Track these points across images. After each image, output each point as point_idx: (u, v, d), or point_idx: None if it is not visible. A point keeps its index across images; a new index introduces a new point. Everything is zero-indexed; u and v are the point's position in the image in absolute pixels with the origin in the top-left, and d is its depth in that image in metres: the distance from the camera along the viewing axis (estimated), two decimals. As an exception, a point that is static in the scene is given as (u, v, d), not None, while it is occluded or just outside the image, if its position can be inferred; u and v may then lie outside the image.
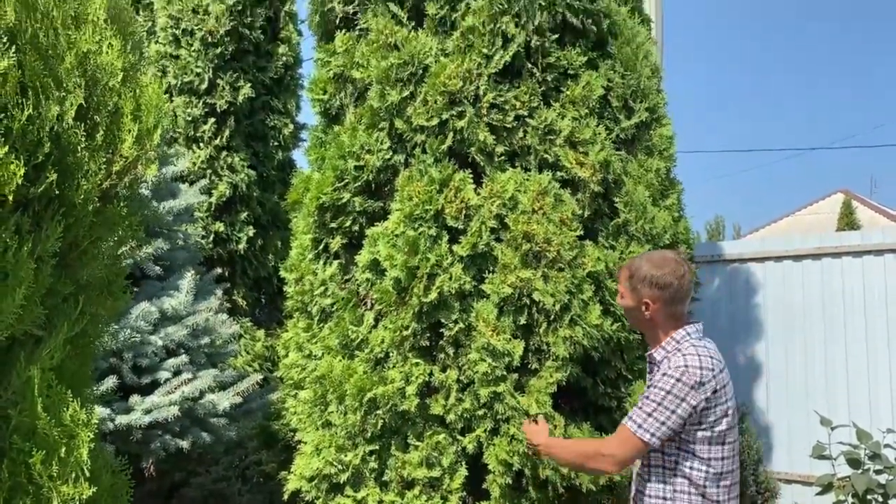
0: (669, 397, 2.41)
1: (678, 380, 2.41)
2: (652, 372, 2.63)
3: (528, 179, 3.75)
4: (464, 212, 3.70)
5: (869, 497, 5.17)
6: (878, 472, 5.19)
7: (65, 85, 1.67)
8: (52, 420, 1.59)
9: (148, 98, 1.83)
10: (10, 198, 1.55)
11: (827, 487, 5.41)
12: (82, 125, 1.70)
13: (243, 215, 7.14)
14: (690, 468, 2.46)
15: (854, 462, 5.27)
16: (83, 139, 1.70)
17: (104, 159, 1.75)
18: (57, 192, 1.65)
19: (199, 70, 6.95)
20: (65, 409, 1.63)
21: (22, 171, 1.52)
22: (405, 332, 3.58)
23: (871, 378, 5.71)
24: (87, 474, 1.60)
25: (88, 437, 1.61)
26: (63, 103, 1.66)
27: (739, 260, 6.54)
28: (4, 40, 1.55)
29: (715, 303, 6.57)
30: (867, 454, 5.26)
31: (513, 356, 3.49)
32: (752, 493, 5.69)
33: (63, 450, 1.57)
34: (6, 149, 1.50)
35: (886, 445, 4.92)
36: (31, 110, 1.58)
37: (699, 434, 2.44)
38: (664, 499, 2.51)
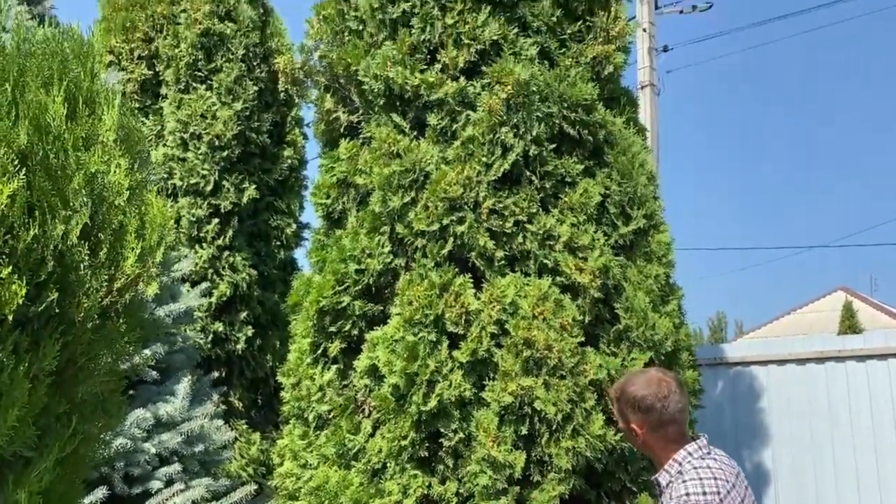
0: None
1: None
2: (661, 495, 2.53)
3: (528, 284, 3.76)
4: (464, 317, 3.69)
5: None
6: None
7: (71, 204, 1.70)
8: (36, 548, 1.53)
9: (153, 216, 1.86)
10: (10, 317, 1.55)
11: None
12: (86, 243, 1.72)
13: (243, 315, 7.12)
14: None
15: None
16: (86, 257, 1.71)
17: (106, 276, 1.76)
18: (57, 309, 1.66)
19: (205, 172, 7.09)
20: (49, 534, 1.57)
21: (24, 291, 1.53)
22: (403, 442, 3.51)
23: (882, 485, 5.55)
24: None
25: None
26: (69, 222, 1.69)
27: (742, 363, 6.47)
28: (16, 162, 1.59)
29: (719, 407, 6.46)
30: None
31: (514, 468, 3.40)
32: None
33: (45, 579, 1.51)
34: (9, 269, 1.52)
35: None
36: (36, 230, 1.60)
37: None
38: None
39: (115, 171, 1.80)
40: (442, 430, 3.52)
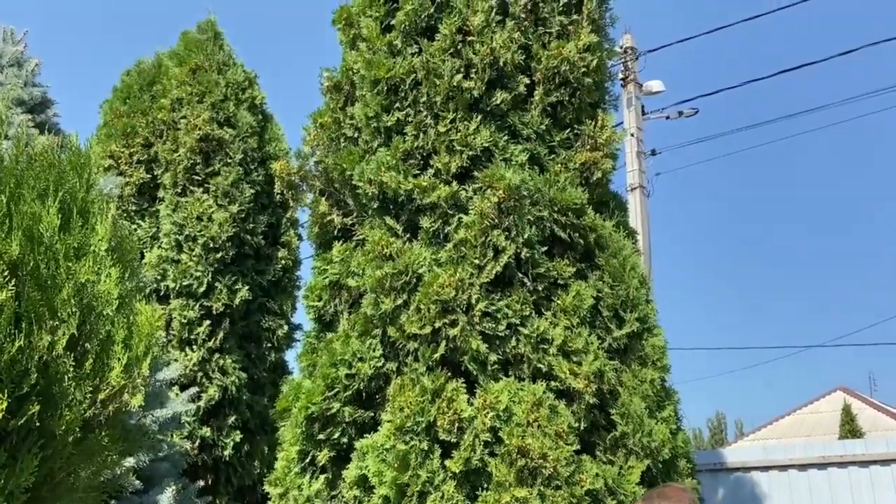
0: None
1: None
2: None
3: (522, 389, 3.70)
4: (457, 424, 3.61)
5: None
6: None
7: (59, 314, 1.69)
8: None
9: (141, 325, 1.84)
10: (-12, 431, 1.51)
11: None
12: (72, 354, 1.70)
13: (231, 419, 6.97)
14: None
15: None
16: (71, 368, 1.69)
17: (91, 388, 1.73)
18: (38, 423, 1.61)
19: (198, 274, 7.10)
20: None
21: (4, 405, 1.49)
22: (394, 560, 3.36)
23: None
24: None
25: None
26: (55, 332, 1.67)
27: (743, 468, 6.31)
28: (6, 273, 1.59)
29: (721, 515, 6.26)
30: None
31: None
32: None
33: None
34: (-9, 382, 1.49)
35: None
36: (22, 341, 1.58)
37: None
38: None
39: (105, 281, 1.79)
40: (435, 545, 3.39)
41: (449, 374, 3.80)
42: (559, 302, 4.01)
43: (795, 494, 5.96)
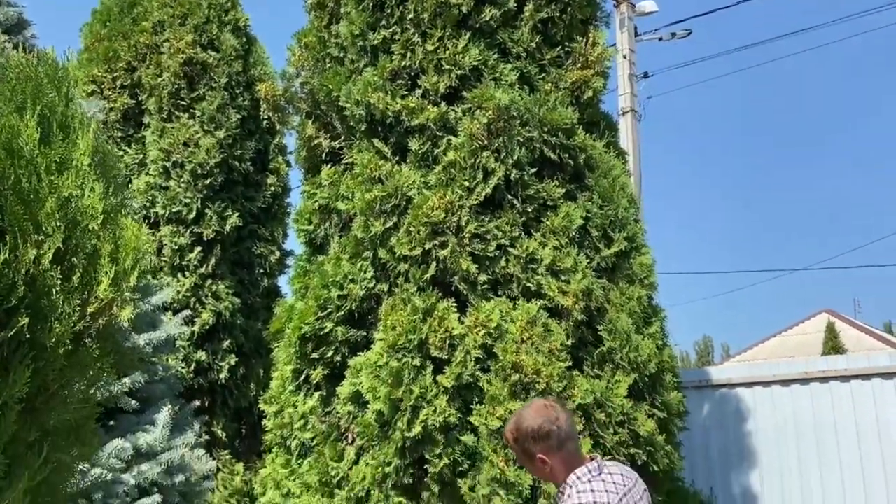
0: None
1: None
2: None
3: (514, 308, 3.75)
4: (448, 341, 3.67)
5: None
6: None
7: (44, 228, 1.68)
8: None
9: (127, 239, 1.84)
10: (-21, 343, 1.52)
11: None
12: (59, 268, 1.70)
13: (226, 343, 7.05)
14: None
15: None
16: (59, 282, 1.69)
17: (79, 301, 1.73)
18: (28, 335, 1.63)
19: (187, 200, 7.06)
20: (18, 567, 1.53)
21: (-8, 317, 1.50)
22: (387, 469, 3.46)
23: (869, 501, 5.53)
24: None
25: None
26: (41, 246, 1.66)
27: (728, 385, 6.46)
28: (-14, 187, 1.58)
29: (706, 430, 6.44)
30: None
31: (523, 486, 3.36)
32: None
33: None
34: (-22, 294, 1.49)
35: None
36: (7, 254, 1.58)
37: None
38: None
39: (89, 196, 1.78)
40: (427, 456, 3.48)
41: (440, 294, 3.84)
42: (548, 223, 4.02)
43: (778, 409, 6.12)
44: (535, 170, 4.04)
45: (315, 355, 4.06)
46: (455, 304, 3.81)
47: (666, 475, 3.87)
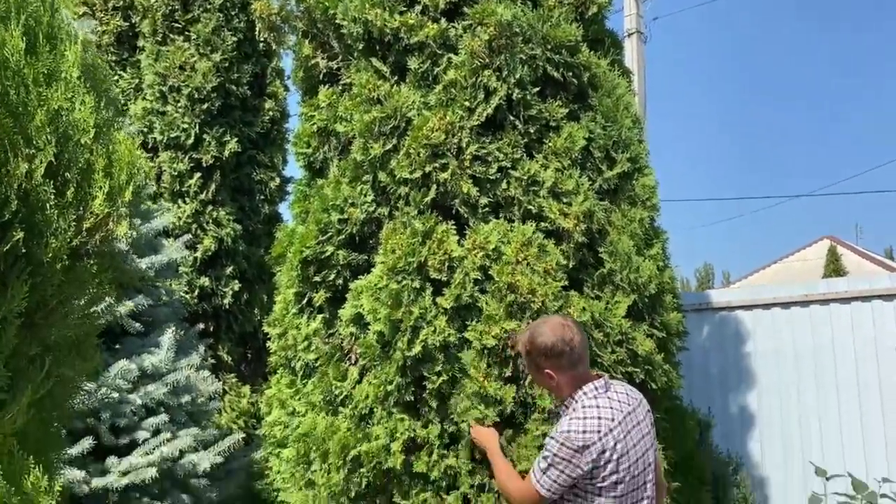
0: (557, 459, 2.66)
1: (562, 444, 2.65)
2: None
3: (511, 230, 3.73)
4: (447, 264, 3.67)
5: (867, 549, 5.06)
6: (875, 523, 5.09)
7: (35, 142, 1.65)
8: (12, 488, 1.52)
9: (120, 154, 1.81)
10: (-26, 257, 1.51)
11: (824, 540, 5.29)
12: (52, 182, 1.67)
13: (229, 270, 7.09)
14: None
15: (851, 513, 5.18)
16: (52, 196, 1.67)
17: (74, 217, 1.72)
18: (24, 250, 1.62)
19: (185, 125, 6.98)
20: (26, 476, 1.56)
21: (-14, 231, 1.49)
22: (389, 387, 3.52)
23: (865, 425, 5.65)
24: (48, 544, 1.52)
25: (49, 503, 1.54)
26: (32, 160, 1.64)
27: (728, 308, 6.52)
28: (-27, 99, 1.54)
29: (705, 352, 6.53)
30: (864, 505, 5.16)
31: (504, 403, 3.42)
32: (749, 548, 5.57)
33: (23, 519, 1.50)
34: (-29, 208, 1.47)
35: (882, 495, 4.83)
36: (-2, 168, 1.55)
37: (588, 485, 2.68)
38: None
39: (79, 109, 1.74)
40: (426, 374, 3.53)
41: (439, 217, 3.81)
42: (551, 144, 3.96)
43: (778, 331, 6.18)
44: (537, 89, 3.96)
45: (317, 279, 4.07)
46: (455, 227, 3.79)
47: (664, 393, 3.93)
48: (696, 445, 4.52)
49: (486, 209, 3.84)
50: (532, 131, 3.96)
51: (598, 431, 2.66)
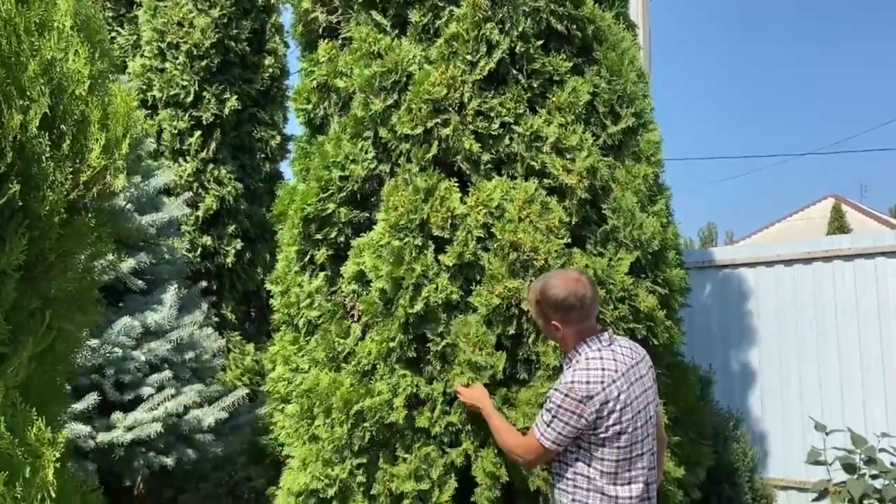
0: (561, 410, 2.67)
1: (566, 395, 2.66)
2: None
3: (514, 188, 3.70)
4: (449, 221, 3.65)
5: (865, 502, 5.12)
6: (873, 476, 5.15)
7: (28, 93, 1.62)
8: (16, 440, 1.53)
9: (116, 107, 1.78)
10: (-29, 210, 1.50)
11: (823, 493, 5.36)
12: (47, 134, 1.65)
13: (231, 228, 7.08)
14: (586, 465, 2.72)
15: (849, 467, 5.23)
16: (48, 149, 1.65)
17: (71, 169, 1.69)
18: (21, 203, 1.60)
19: (184, 83, 6.90)
20: (30, 428, 1.57)
21: (-18, 183, 1.47)
22: (392, 344, 3.53)
23: (865, 382, 5.68)
24: (53, 495, 1.53)
25: (54, 456, 1.55)
26: (27, 112, 1.61)
27: (731, 265, 6.51)
28: (-36, 48, 1.50)
29: (707, 309, 6.54)
30: (862, 459, 5.21)
31: (496, 368, 3.44)
32: (748, 501, 5.64)
33: (27, 470, 1.51)
34: (-35, 160, 1.45)
35: (882, 450, 4.87)
36: (-8, 119, 1.53)
37: (591, 437, 2.69)
38: (566, 491, 2.78)
39: (73, 59, 1.71)
40: (429, 334, 3.54)
41: (442, 174, 3.78)
42: (554, 99, 3.91)
43: (780, 289, 6.18)
44: (540, 42, 3.89)
45: (318, 236, 4.05)
46: (457, 184, 3.76)
47: (666, 349, 3.94)
48: (697, 401, 4.55)
49: (489, 166, 3.80)
50: (535, 86, 3.90)
51: (602, 382, 2.68)
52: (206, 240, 6.90)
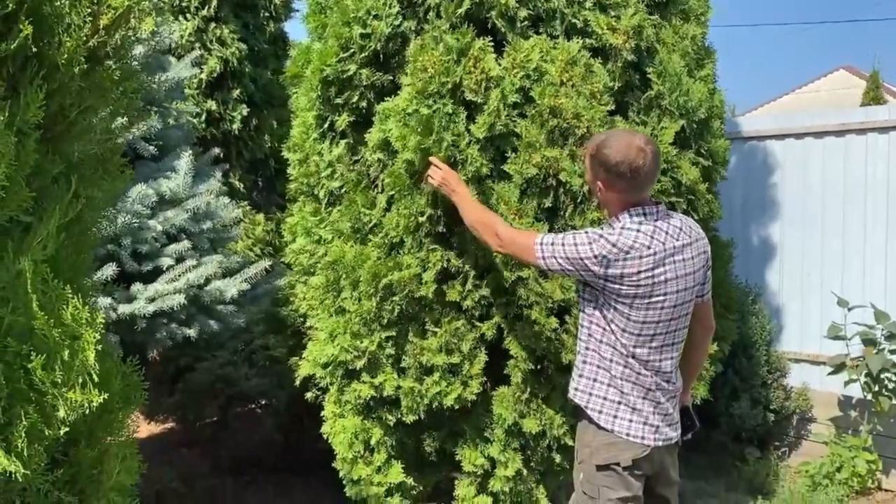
0: (574, 248, 2.55)
1: (587, 241, 2.55)
2: None
3: (555, 48, 3.41)
4: (484, 84, 3.37)
5: (882, 376, 5.15)
6: (892, 352, 5.15)
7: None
8: (51, 320, 1.38)
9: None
10: (-22, 56, 1.27)
11: (839, 367, 5.39)
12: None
13: (236, 93, 6.74)
14: (618, 327, 2.58)
15: (869, 342, 5.22)
16: (61, -15, 1.39)
17: (89, 10, 1.45)
18: (34, 49, 1.37)
19: (181, -69, 6.35)
20: (64, 306, 1.41)
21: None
22: (420, 219, 3.35)
23: (889, 264, 5.58)
24: (96, 379, 1.41)
25: (94, 337, 1.41)
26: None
27: (758, 137, 6.26)
28: None
29: (731, 182, 6.32)
30: (884, 334, 5.19)
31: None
32: (763, 374, 5.69)
33: (66, 353, 1.37)
34: (-34, -7, 1.21)
35: (907, 327, 4.82)
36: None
37: (620, 298, 2.55)
38: (594, 350, 2.67)
39: None
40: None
41: (475, 31, 3.47)
42: (597, -52, 3.53)
43: (809, 163, 5.96)
44: None
45: (339, 100, 3.78)
46: (492, 43, 3.46)
47: (704, 224, 3.77)
48: (727, 275, 4.46)
49: (526, 23, 3.48)
50: (578, -67, 3.52)
51: (626, 252, 2.51)
52: (211, 104, 6.58)
